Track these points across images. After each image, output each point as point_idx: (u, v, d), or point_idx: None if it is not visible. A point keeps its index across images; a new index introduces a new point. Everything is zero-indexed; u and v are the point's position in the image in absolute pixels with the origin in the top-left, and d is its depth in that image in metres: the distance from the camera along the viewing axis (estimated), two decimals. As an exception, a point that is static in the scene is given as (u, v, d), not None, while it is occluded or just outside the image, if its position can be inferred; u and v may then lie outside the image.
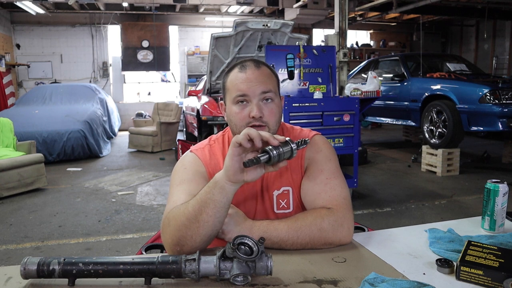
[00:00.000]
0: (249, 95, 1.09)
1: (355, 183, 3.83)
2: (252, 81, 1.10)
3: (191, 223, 0.92)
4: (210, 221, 0.92)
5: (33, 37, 9.63)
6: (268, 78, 1.12)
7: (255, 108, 1.08)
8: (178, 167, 1.17)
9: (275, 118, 1.12)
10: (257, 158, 0.86)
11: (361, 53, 11.07)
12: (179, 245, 0.94)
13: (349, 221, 1.06)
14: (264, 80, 1.11)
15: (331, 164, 1.16)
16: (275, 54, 3.80)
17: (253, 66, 1.12)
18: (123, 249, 3.00)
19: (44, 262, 0.83)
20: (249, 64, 1.13)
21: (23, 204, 4.11)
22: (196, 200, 0.94)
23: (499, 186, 1.12)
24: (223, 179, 0.91)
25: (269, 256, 0.84)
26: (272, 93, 1.11)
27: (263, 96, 1.10)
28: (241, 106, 1.11)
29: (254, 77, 1.10)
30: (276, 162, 0.88)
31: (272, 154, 0.86)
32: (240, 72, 1.12)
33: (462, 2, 8.12)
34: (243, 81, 1.10)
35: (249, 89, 1.09)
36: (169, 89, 10.91)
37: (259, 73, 1.11)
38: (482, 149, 6.11)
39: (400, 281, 0.83)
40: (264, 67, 1.14)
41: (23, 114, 6.48)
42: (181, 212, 0.95)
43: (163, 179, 5.09)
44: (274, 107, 1.12)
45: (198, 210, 0.92)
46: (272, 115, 1.11)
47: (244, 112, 1.10)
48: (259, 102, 1.10)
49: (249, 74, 1.11)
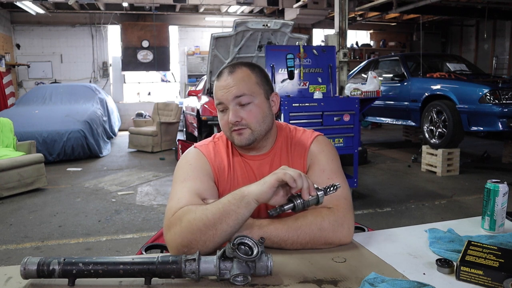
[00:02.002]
0: (224, 102, 1.12)
1: (355, 183, 3.82)
2: (225, 87, 1.12)
3: (208, 230, 0.92)
4: (228, 231, 0.93)
5: (33, 37, 9.63)
6: (241, 80, 1.12)
7: (230, 114, 1.11)
8: (182, 162, 1.16)
9: (255, 119, 1.12)
10: (282, 209, 0.93)
11: (361, 53, 11.07)
12: (187, 247, 0.94)
13: (350, 221, 1.06)
14: (236, 84, 1.11)
15: (333, 164, 1.17)
16: (275, 54, 3.79)
17: (227, 72, 1.13)
18: (123, 249, 3.00)
19: (44, 262, 0.83)
20: (224, 70, 1.15)
21: (23, 204, 4.11)
22: (217, 208, 0.94)
23: (499, 186, 1.12)
24: (252, 196, 0.93)
25: (269, 256, 0.84)
26: (246, 96, 1.11)
27: (237, 101, 1.11)
28: (223, 114, 1.14)
29: (227, 83, 1.12)
30: (301, 210, 0.94)
31: (296, 204, 0.93)
32: (217, 81, 1.15)
33: (462, 2, 8.12)
34: (219, 89, 1.13)
35: (223, 97, 1.12)
36: (169, 89, 10.91)
37: (232, 78, 1.12)
38: (482, 149, 6.11)
39: (400, 281, 0.83)
40: (239, 70, 1.13)
41: (23, 114, 6.48)
42: (198, 217, 0.94)
43: (163, 179, 5.09)
44: (253, 108, 1.12)
45: (219, 219, 0.92)
46: (251, 116, 1.12)
47: (225, 119, 1.13)
48: (235, 107, 1.11)
49: (222, 81, 1.13)
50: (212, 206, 0.95)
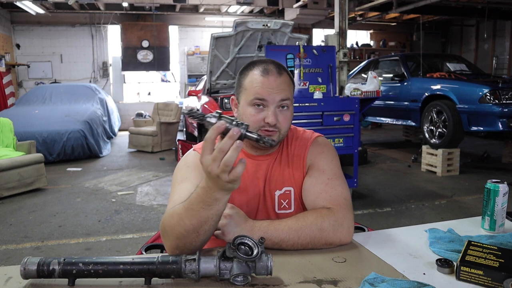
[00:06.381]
0: (268, 100, 1.10)
1: (355, 183, 3.82)
2: (273, 88, 1.10)
3: (190, 234, 0.90)
4: (211, 230, 0.92)
5: (33, 37, 9.63)
6: (288, 86, 1.14)
7: (271, 116, 1.09)
8: (180, 165, 1.16)
9: (288, 124, 1.14)
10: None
11: (361, 53, 11.07)
12: (178, 249, 0.94)
13: (349, 221, 1.06)
14: (284, 88, 1.12)
15: (332, 165, 1.18)
16: (275, 54, 3.79)
17: (276, 73, 1.12)
18: (123, 249, 3.00)
19: (44, 262, 0.83)
20: (271, 68, 1.12)
21: (23, 204, 4.11)
22: (194, 216, 0.88)
23: (499, 186, 1.12)
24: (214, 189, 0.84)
25: (269, 256, 0.84)
26: (289, 100, 1.13)
27: (280, 104, 1.11)
28: (257, 110, 1.11)
29: (276, 84, 1.11)
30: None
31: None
32: (261, 76, 1.11)
33: (462, 2, 8.12)
34: (264, 86, 1.10)
35: (269, 96, 1.10)
36: (169, 89, 10.90)
37: (281, 81, 1.12)
38: (482, 149, 6.11)
39: (400, 281, 0.83)
40: (285, 74, 1.14)
41: (23, 114, 6.48)
42: (176, 223, 0.91)
43: (163, 179, 5.09)
44: (289, 114, 1.14)
45: (198, 225, 0.88)
46: (286, 122, 1.13)
47: (259, 116, 1.11)
48: (276, 109, 1.11)
49: (271, 80, 1.11)
50: (187, 213, 0.89)
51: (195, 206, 0.87)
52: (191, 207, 0.88)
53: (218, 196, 0.85)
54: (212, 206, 0.86)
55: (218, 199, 0.85)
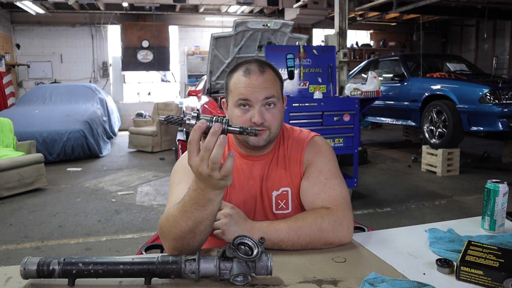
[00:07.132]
0: (252, 100, 1.09)
1: (355, 183, 3.82)
2: (255, 86, 1.09)
3: (186, 235, 0.91)
4: (208, 230, 0.92)
5: (33, 37, 9.63)
6: (272, 83, 1.12)
7: (256, 115, 1.08)
8: (178, 166, 1.16)
9: (277, 122, 1.12)
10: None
11: (361, 53, 11.06)
12: (177, 250, 0.94)
13: (349, 220, 1.06)
14: (267, 86, 1.10)
15: (330, 164, 1.17)
16: (275, 54, 3.79)
17: (258, 71, 1.11)
18: (123, 249, 3.00)
19: (44, 262, 0.83)
20: (253, 68, 1.11)
21: (23, 204, 4.11)
22: (189, 218, 0.88)
23: (499, 186, 1.12)
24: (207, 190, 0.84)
25: (269, 256, 0.84)
26: (274, 98, 1.11)
27: (266, 102, 1.10)
28: (243, 110, 1.11)
29: (258, 83, 1.09)
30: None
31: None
32: (243, 76, 1.11)
33: (462, 2, 8.12)
34: (246, 86, 1.09)
35: (252, 95, 1.09)
36: (169, 89, 10.90)
37: (263, 79, 1.10)
38: (482, 149, 6.11)
39: (400, 281, 0.83)
40: (268, 71, 1.13)
41: (23, 114, 6.48)
42: (172, 225, 0.91)
43: (163, 179, 5.09)
44: (276, 111, 1.12)
45: (193, 226, 0.89)
46: (274, 119, 1.11)
47: (245, 116, 1.10)
48: (261, 107, 1.10)
49: (253, 79, 1.10)
50: (183, 215, 0.89)
51: (189, 208, 0.88)
52: (185, 209, 0.88)
53: (211, 196, 0.86)
54: (206, 207, 0.87)
55: (211, 199, 0.86)
